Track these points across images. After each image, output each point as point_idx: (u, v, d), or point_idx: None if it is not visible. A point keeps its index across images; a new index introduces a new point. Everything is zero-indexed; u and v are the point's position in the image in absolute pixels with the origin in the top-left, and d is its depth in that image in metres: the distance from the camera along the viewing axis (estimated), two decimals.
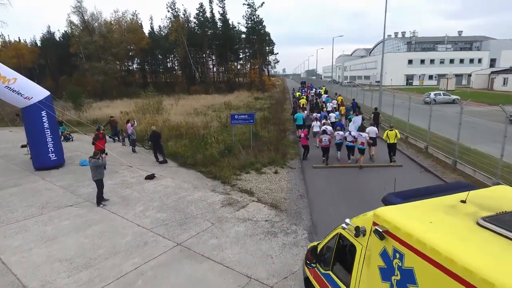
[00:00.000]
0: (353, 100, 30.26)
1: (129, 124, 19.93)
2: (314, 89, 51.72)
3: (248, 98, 49.99)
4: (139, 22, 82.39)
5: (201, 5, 66.28)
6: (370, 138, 15.38)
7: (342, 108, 26.30)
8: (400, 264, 3.54)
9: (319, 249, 5.33)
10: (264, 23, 63.89)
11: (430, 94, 40.86)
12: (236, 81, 79.31)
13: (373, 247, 3.92)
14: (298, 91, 47.80)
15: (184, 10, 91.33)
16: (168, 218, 9.81)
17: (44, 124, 15.01)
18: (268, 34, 69.12)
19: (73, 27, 63.13)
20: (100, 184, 11.08)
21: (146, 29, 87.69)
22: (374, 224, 3.84)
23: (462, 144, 16.96)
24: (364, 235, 4.09)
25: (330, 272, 4.91)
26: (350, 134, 15.55)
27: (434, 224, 3.47)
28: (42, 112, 14.89)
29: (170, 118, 26.19)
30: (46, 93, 15.41)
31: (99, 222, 9.71)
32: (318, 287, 5.26)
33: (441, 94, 40.67)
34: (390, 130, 15.36)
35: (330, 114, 22.80)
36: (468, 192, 4.01)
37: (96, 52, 57.88)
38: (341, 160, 15.71)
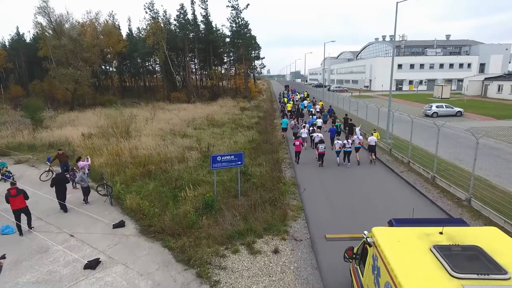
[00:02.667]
0: (330, 107, 35.22)
1: (81, 163, 15.45)
2: (298, 94, 59.75)
3: (233, 108, 45.71)
4: (116, 23, 77.21)
5: (182, 6, 61.60)
6: (370, 145, 18.93)
7: (321, 115, 30.55)
8: (377, 264, 5.49)
9: (355, 250, 7.14)
10: (249, 26, 59.76)
11: (432, 106, 37.65)
12: (220, 86, 74.85)
13: (370, 252, 6.05)
14: (285, 96, 53.84)
15: (164, 11, 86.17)
16: None
17: None
18: (254, 38, 65.05)
19: (40, 28, 57.40)
20: None
21: (124, 31, 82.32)
22: (370, 236, 5.96)
23: (508, 190, 13.34)
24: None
25: (358, 267, 6.91)
26: (348, 141, 18.54)
27: (399, 243, 5.34)
28: None
29: (139, 144, 21.67)
30: None
31: None
32: (353, 276, 7.29)
33: (444, 106, 37.46)
34: (374, 132, 19.67)
35: (317, 120, 26.81)
36: (453, 226, 5.85)
37: (65, 56, 52.42)
38: (340, 164, 18.64)
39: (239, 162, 13.45)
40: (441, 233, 5.49)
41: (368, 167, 18.38)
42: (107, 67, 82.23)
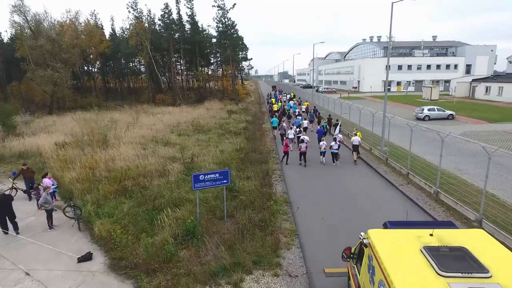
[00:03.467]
0: (314, 107, 37.55)
1: (47, 180, 13.75)
2: (285, 94, 61.95)
3: (220, 111, 44.13)
4: (99, 23, 74.66)
5: (167, 6, 59.57)
6: (354, 145, 19.85)
7: (307, 116, 32.65)
8: (372, 263, 5.85)
9: (352, 250, 7.56)
10: (236, 27, 58.19)
11: (424, 109, 36.87)
12: (207, 87, 73.00)
13: (366, 252, 6.37)
14: (273, 97, 55.20)
15: (148, 11, 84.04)
16: None
17: None
18: (241, 39, 63.57)
19: (17, 27, 54.58)
20: None
21: (108, 31, 79.74)
22: (366, 238, 6.33)
23: None
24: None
25: (355, 266, 7.24)
26: (335, 142, 19.28)
27: (393, 244, 5.73)
28: None
29: (117, 154, 19.91)
30: None
31: None
32: (351, 274, 7.63)
33: (435, 109, 36.74)
34: (357, 132, 20.83)
35: (302, 121, 27.77)
36: (443, 228, 6.20)
37: (43, 57, 49.85)
38: (326, 163, 19.56)
39: (225, 181, 11.97)
40: (431, 235, 5.89)
41: (364, 178, 17.17)
42: (90, 68, 79.52)
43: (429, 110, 36.59)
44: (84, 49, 63.04)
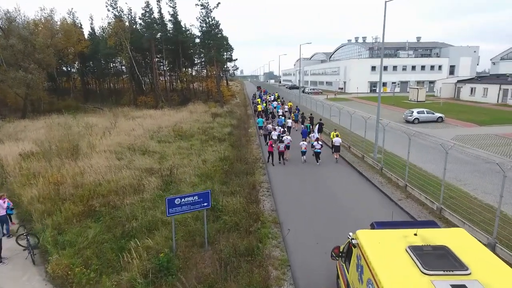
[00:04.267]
0: (297, 107, 38.24)
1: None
2: (269, 94, 63.34)
3: (204, 115, 42.33)
4: (77, 22, 71.66)
5: (148, 4, 57.26)
6: (335, 146, 20.73)
7: (292, 116, 33.19)
8: (360, 263, 6.07)
9: (341, 249, 7.77)
10: (221, 27, 56.37)
11: (413, 111, 36.07)
12: (191, 89, 70.92)
13: (354, 252, 6.61)
14: (258, 97, 57.16)
15: (129, 9, 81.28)
16: None
17: None
18: (226, 39, 61.78)
19: None
20: None
21: (87, 30, 76.64)
22: (355, 238, 6.55)
23: None
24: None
25: (344, 264, 7.46)
26: (318, 142, 20.06)
27: (379, 244, 5.95)
28: None
29: (88, 166, 18.00)
30: None
31: None
32: (340, 273, 7.89)
33: (425, 112, 35.97)
34: (334, 132, 21.72)
35: (286, 120, 29.77)
36: (426, 228, 6.45)
37: (15, 58, 46.97)
38: (306, 162, 20.48)
39: (205, 204, 10.38)
40: (415, 234, 6.15)
41: (358, 189, 15.87)
42: (68, 68, 76.24)
43: (418, 112, 35.80)
44: (61, 49, 60.23)
